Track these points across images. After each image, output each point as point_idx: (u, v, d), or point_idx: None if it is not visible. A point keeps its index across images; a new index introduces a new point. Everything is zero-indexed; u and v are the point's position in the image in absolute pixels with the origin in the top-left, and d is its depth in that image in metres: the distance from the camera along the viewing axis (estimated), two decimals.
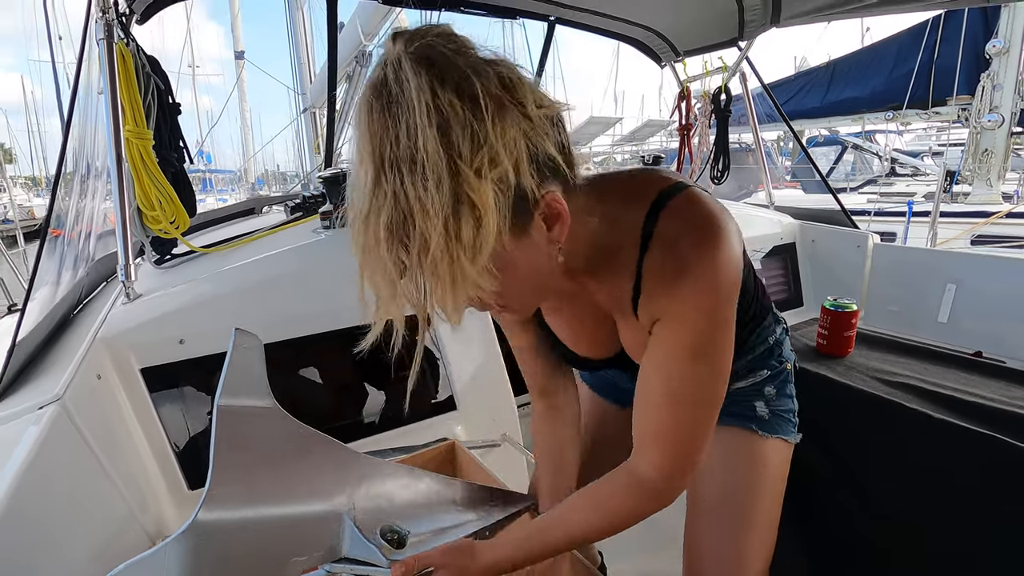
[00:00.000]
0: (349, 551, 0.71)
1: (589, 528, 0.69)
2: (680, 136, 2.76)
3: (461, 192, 0.45)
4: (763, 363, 0.87)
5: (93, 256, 1.56)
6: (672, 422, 0.64)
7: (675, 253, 0.60)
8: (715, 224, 0.60)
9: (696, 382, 0.63)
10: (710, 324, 0.61)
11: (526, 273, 0.56)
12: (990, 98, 5.66)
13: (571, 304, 0.76)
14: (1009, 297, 1.80)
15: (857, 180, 8.50)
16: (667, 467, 0.65)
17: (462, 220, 0.45)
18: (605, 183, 0.66)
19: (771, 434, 0.85)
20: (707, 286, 0.59)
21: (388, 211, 0.46)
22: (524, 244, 0.53)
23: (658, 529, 1.47)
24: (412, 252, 0.47)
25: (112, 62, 1.18)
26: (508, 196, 0.48)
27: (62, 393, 0.87)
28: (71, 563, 0.74)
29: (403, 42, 0.48)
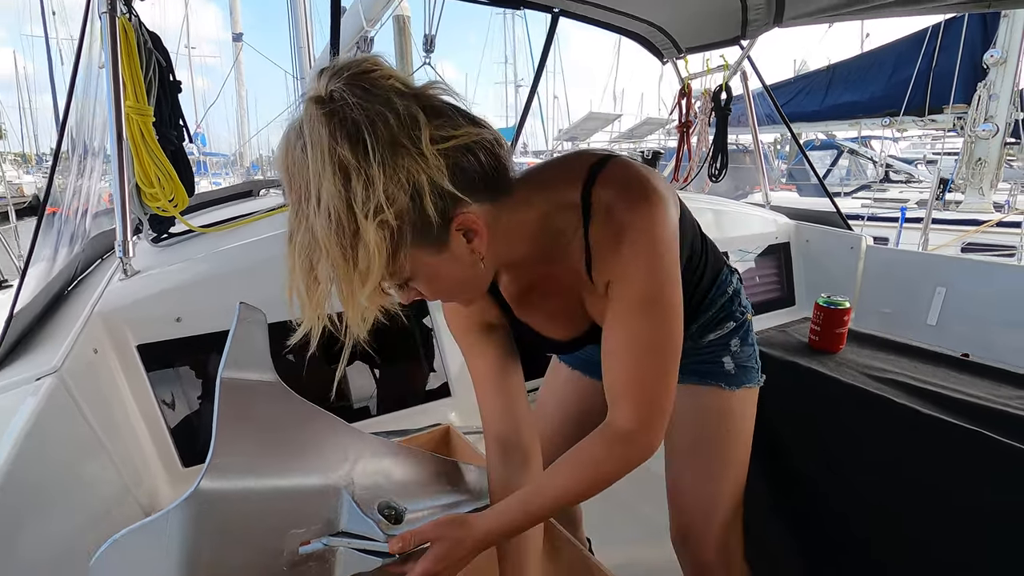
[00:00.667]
0: (347, 525, 0.72)
1: (577, 488, 0.71)
2: (679, 133, 2.77)
3: (356, 230, 0.54)
4: (729, 314, 0.94)
5: (89, 234, 1.55)
6: (637, 371, 0.69)
7: (612, 217, 0.66)
8: (643, 186, 0.67)
9: (653, 332, 0.68)
10: (656, 278, 0.67)
11: (451, 279, 0.65)
12: (986, 108, 5.72)
13: (538, 293, 0.80)
14: (997, 302, 1.83)
15: (851, 185, 8.57)
16: (640, 416, 0.69)
17: (357, 252, 0.54)
18: (539, 173, 0.73)
19: (738, 386, 0.94)
20: (645, 242, 0.66)
21: (303, 238, 0.56)
22: (444, 258, 0.61)
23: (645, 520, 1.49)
24: (320, 274, 0.57)
25: (114, 36, 1.17)
26: (407, 227, 0.56)
27: (60, 365, 0.86)
28: (65, 533, 0.74)
29: (324, 81, 0.55)
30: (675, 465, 0.99)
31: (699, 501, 0.96)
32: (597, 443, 0.71)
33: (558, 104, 23.29)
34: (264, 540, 0.67)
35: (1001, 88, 5.66)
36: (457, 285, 0.67)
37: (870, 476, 1.04)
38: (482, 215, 0.61)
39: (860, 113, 7.04)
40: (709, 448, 0.95)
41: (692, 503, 0.97)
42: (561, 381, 1.13)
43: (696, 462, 0.96)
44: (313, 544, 0.69)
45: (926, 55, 6.15)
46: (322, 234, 0.54)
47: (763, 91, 2.58)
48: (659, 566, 1.00)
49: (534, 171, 0.74)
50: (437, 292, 0.66)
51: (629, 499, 1.61)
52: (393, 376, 1.50)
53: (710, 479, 0.95)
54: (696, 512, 0.96)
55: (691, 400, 0.94)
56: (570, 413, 1.10)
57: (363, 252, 0.54)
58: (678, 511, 0.99)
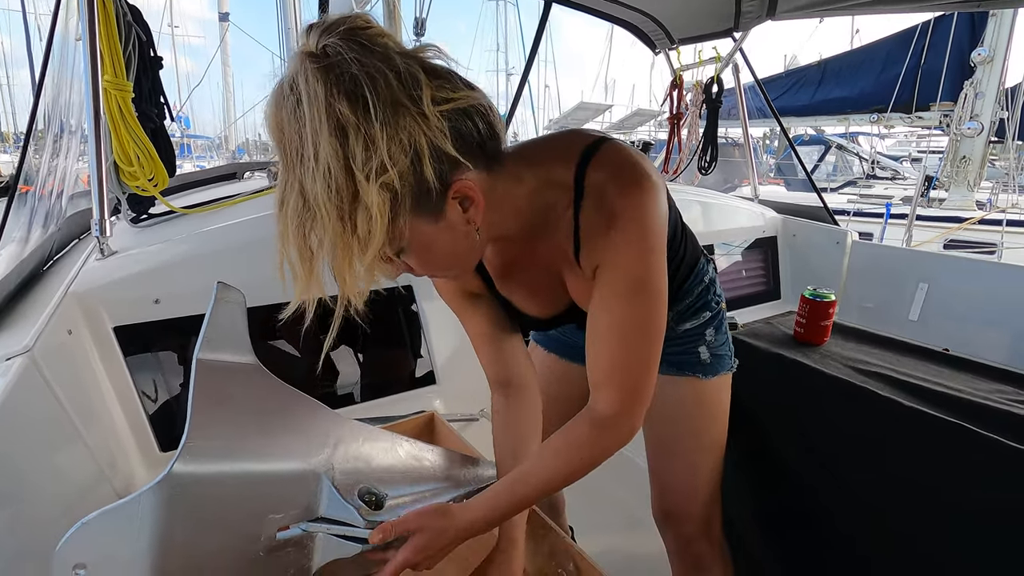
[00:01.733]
0: (326, 511, 0.70)
1: (558, 474, 0.71)
2: (670, 125, 2.76)
3: (355, 193, 0.50)
4: (705, 303, 0.95)
5: (65, 214, 1.51)
6: (621, 355, 0.69)
7: (604, 202, 0.66)
8: (637, 171, 0.66)
9: (637, 315, 0.68)
10: (644, 262, 0.67)
11: (445, 251, 0.62)
12: (971, 106, 5.79)
13: (520, 268, 0.80)
14: (978, 299, 1.86)
15: (838, 180, 8.65)
16: (621, 400, 0.69)
17: (356, 217, 0.51)
18: (530, 149, 0.72)
19: (713, 375, 0.96)
20: (636, 228, 0.65)
21: (295, 203, 0.52)
22: (440, 227, 0.59)
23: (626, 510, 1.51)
24: (314, 242, 0.53)
25: (92, 6, 1.13)
26: (407, 192, 0.53)
27: (31, 345, 0.84)
28: (36, 519, 0.72)
29: (315, 36, 0.51)
30: (655, 453, 1.01)
31: (680, 485, 0.99)
32: (579, 429, 0.71)
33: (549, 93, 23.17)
34: (241, 525, 0.65)
35: (987, 87, 5.72)
36: (450, 257, 0.64)
37: (853, 467, 1.05)
38: (479, 183, 0.59)
39: (849, 109, 7.10)
40: (688, 437, 0.97)
41: (674, 486, 1.00)
42: (542, 365, 1.13)
43: (676, 450, 0.98)
44: (291, 529, 0.67)
45: (915, 52, 6.21)
46: (318, 198, 0.50)
47: (754, 85, 2.58)
48: (640, 553, 1.01)
49: (526, 146, 0.72)
50: (428, 265, 0.63)
51: (610, 487, 1.62)
52: (378, 362, 1.48)
53: (690, 465, 0.98)
54: (678, 494, 0.99)
55: (669, 390, 0.95)
56: (550, 396, 1.09)
57: (363, 216, 0.51)
58: (660, 490, 1.01)
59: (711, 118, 2.58)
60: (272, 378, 0.69)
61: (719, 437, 1.00)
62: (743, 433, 1.20)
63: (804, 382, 1.13)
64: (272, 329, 1.34)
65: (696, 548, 0.99)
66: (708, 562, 1.01)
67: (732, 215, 2.32)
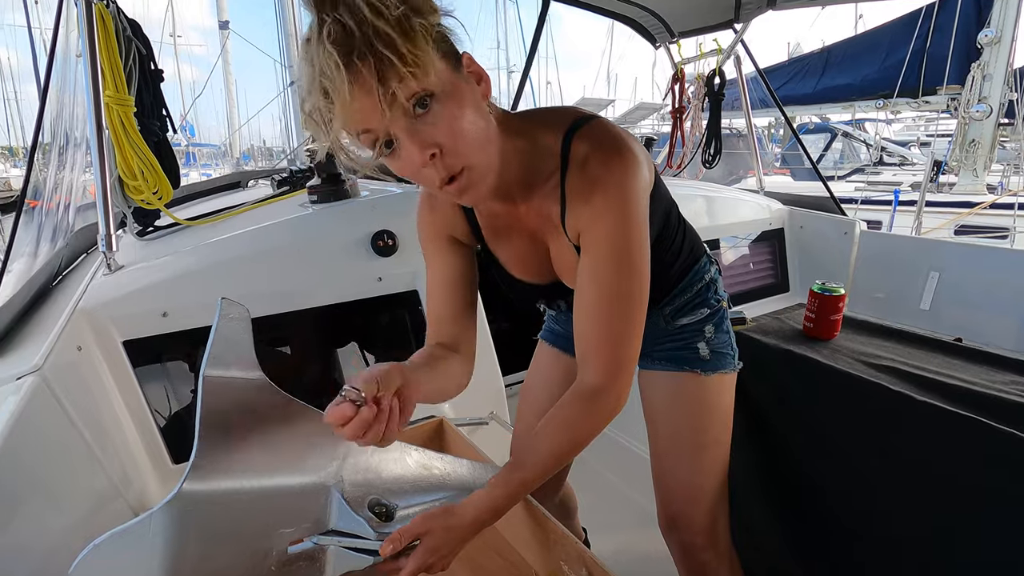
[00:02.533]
0: (337, 523, 0.71)
1: (555, 453, 0.72)
2: (672, 119, 2.74)
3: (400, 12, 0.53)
4: (704, 300, 0.96)
5: (72, 228, 1.52)
6: (608, 324, 0.71)
7: (587, 170, 0.69)
8: (619, 143, 0.69)
9: (622, 283, 0.70)
10: (625, 228, 0.69)
11: (470, 115, 0.61)
12: (979, 88, 5.70)
13: (510, 231, 0.83)
14: (990, 286, 1.83)
15: (845, 168, 8.56)
16: (610, 368, 0.71)
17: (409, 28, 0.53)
18: (525, 114, 0.76)
19: (713, 372, 0.96)
20: (616, 194, 0.68)
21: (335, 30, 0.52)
22: (460, 80, 0.60)
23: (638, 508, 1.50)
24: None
25: (91, 23, 1.14)
26: (433, 27, 0.56)
27: (41, 364, 0.85)
28: (52, 536, 0.73)
29: None
30: (658, 452, 1.00)
31: (683, 487, 0.97)
32: (569, 405, 0.73)
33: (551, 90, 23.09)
34: (252, 540, 0.65)
35: (995, 68, 5.63)
36: (476, 129, 0.61)
37: (866, 463, 1.04)
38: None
39: (854, 95, 7.02)
40: (688, 434, 0.96)
41: (677, 489, 0.98)
42: (546, 362, 1.15)
43: (678, 448, 0.97)
44: (303, 543, 0.68)
45: (920, 36, 6.12)
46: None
47: (757, 75, 2.55)
48: (654, 552, 1.01)
49: (521, 112, 0.77)
50: (457, 127, 0.59)
51: (622, 487, 1.62)
52: None
53: (693, 464, 0.96)
54: (681, 497, 0.97)
55: (669, 387, 0.96)
56: (555, 393, 1.10)
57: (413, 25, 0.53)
58: (664, 498, 1.00)
59: (714, 111, 2.56)
60: (279, 392, 0.69)
61: (721, 438, 0.98)
62: (754, 432, 1.20)
63: (815, 378, 1.11)
64: (279, 336, 1.35)
65: (702, 557, 0.98)
66: (714, 571, 0.99)
67: (737, 208, 2.30)
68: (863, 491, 1.05)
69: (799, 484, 1.17)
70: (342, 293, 1.33)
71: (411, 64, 0.53)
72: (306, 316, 1.30)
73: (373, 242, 1.37)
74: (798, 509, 1.18)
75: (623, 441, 1.77)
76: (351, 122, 0.57)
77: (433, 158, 0.59)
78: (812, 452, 1.13)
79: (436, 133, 0.58)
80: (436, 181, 0.61)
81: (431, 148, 0.58)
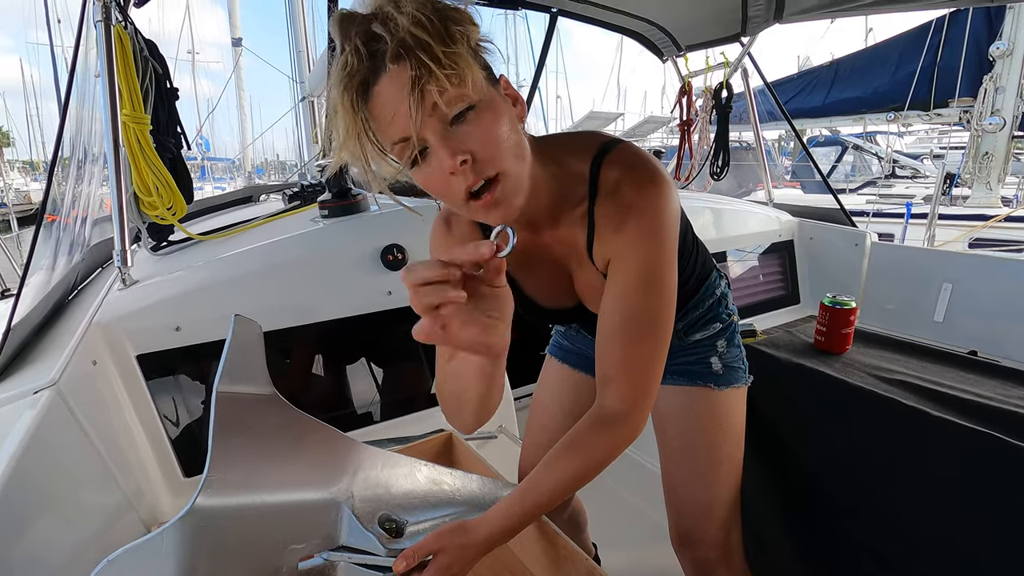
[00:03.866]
0: (347, 539, 0.71)
1: (570, 477, 0.71)
2: (680, 132, 2.75)
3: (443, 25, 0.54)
4: (716, 315, 0.97)
5: (89, 242, 1.55)
6: (632, 351, 0.70)
7: (619, 196, 0.68)
8: (651, 169, 0.68)
9: (650, 311, 0.69)
10: (657, 256, 0.68)
11: (506, 128, 0.59)
12: (992, 100, 5.66)
13: (532, 258, 0.81)
14: (1004, 297, 1.81)
15: (857, 181, 8.51)
16: (630, 394, 0.70)
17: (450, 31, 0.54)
18: (551, 140, 0.74)
19: (726, 386, 0.95)
20: (650, 222, 0.67)
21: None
22: (497, 95, 0.60)
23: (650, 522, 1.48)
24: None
25: (110, 44, 1.17)
26: (472, 44, 0.57)
27: (57, 378, 0.86)
28: (66, 550, 0.73)
29: None
30: (670, 467, 0.99)
31: (696, 503, 0.96)
32: (589, 428, 0.72)
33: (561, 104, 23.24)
34: (263, 556, 0.66)
35: (1008, 80, 5.60)
36: (512, 142, 0.59)
37: (878, 479, 1.03)
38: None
39: (864, 108, 6.99)
40: (702, 448, 0.96)
41: (689, 505, 0.97)
42: (556, 378, 1.14)
43: (690, 463, 0.96)
44: (313, 560, 0.68)
45: (931, 49, 6.10)
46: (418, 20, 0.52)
47: (765, 88, 2.56)
48: (666, 567, 0.99)
49: (546, 138, 0.75)
50: (492, 139, 0.57)
51: (633, 501, 1.60)
52: (395, 381, 1.49)
53: (705, 480, 0.95)
54: (694, 514, 0.96)
55: (682, 401, 0.96)
56: (565, 408, 1.11)
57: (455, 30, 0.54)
58: (676, 514, 0.99)
59: (721, 124, 2.56)
60: (290, 408, 0.69)
61: (734, 452, 0.97)
62: (764, 446, 1.18)
63: (826, 392, 1.10)
64: (290, 351, 1.35)
65: (715, 574, 0.97)
66: None
67: (746, 220, 2.29)
68: (875, 506, 1.04)
69: (810, 498, 1.15)
70: (352, 307, 1.34)
71: (449, 69, 0.53)
72: (317, 330, 1.31)
73: (383, 256, 1.38)
74: (809, 523, 1.17)
75: (634, 455, 1.76)
76: (385, 130, 0.56)
77: (464, 165, 0.56)
78: (823, 467, 1.12)
79: (470, 140, 0.56)
80: (463, 191, 0.57)
81: (463, 154, 0.55)
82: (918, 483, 0.97)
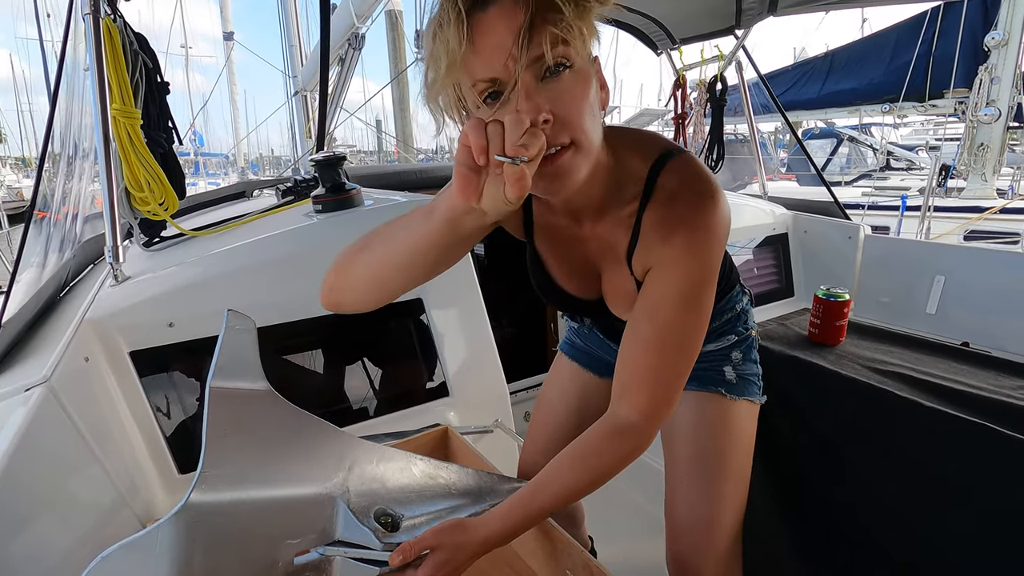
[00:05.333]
0: (343, 534, 0.71)
1: (576, 485, 0.70)
2: (675, 125, 2.74)
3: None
4: (732, 328, 0.95)
5: (80, 238, 1.53)
6: (657, 364, 0.68)
7: (674, 207, 0.66)
8: (710, 185, 0.66)
9: (683, 327, 0.68)
10: (701, 274, 0.66)
11: (591, 102, 0.58)
12: (987, 91, 5.67)
13: (566, 247, 0.79)
14: (996, 289, 1.82)
15: (852, 173, 8.52)
16: (648, 408, 0.69)
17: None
18: (616, 131, 0.70)
19: (739, 396, 0.93)
20: (701, 239, 0.65)
21: None
22: (592, 71, 0.58)
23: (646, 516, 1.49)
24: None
25: (98, 38, 1.15)
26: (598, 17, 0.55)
27: (49, 375, 0.85)
28: (60, 548, 0.73)
29: None
30: (674, 477, 0.94)
31: (696, 525, 0.90)
32: (599, 436, 0.70)
33: None
34: (258, 551, 0.66)
35: (1003, 71, 5.60)
36: (592, 118, 0.58)
37: (872, 470, 1.03)
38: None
39: (859, 100, 7.00)
40: (710, 456, 0.91)
41: (689, 526, 0.91)
42: (565, 376, 1.13)
43: (696, 472, 0.91)
44: (309, 554, 0.68)
45: (925, 39, 6.11)
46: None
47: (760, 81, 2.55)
48: (662, 561, 1.00)
49: (612, 128, 0.70)
50: (576, 108, 0.55)
51: (630, 495, 1.61)
52: (391, 376, 1.49)
53: (710, 493, 0.90)
54: (693, 538, 0.90)
55: (692, 405, 0.93)
56: (571, 407, 1.11)
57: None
58: (674, 534, 0.93)
59: (716, 117, 2.56)
60: (285, 403, 0.69)
61: (741, 468, 0.92)
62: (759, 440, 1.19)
63: (820, 384, 1.11)
64: (284, 346, 1.35)
65: None
66: None
67: (740, 213, 2.30)
68: (869, 496, 1.04)
69: (805, 489, 1.16)
70: None
71: (568, 25, 0.51)
72: (311, 326, 1.30)
73: None
74: (804, 513, 1.18)
75: None
76: (480, 64, 0.53)
77: (546, 124, 0.52)
78: (817, 458, 1.12)
79: (556, 101, 0.54)
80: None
81: (545, 113, 0.52)
82: (911, 473, 0.97)
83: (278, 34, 4.44)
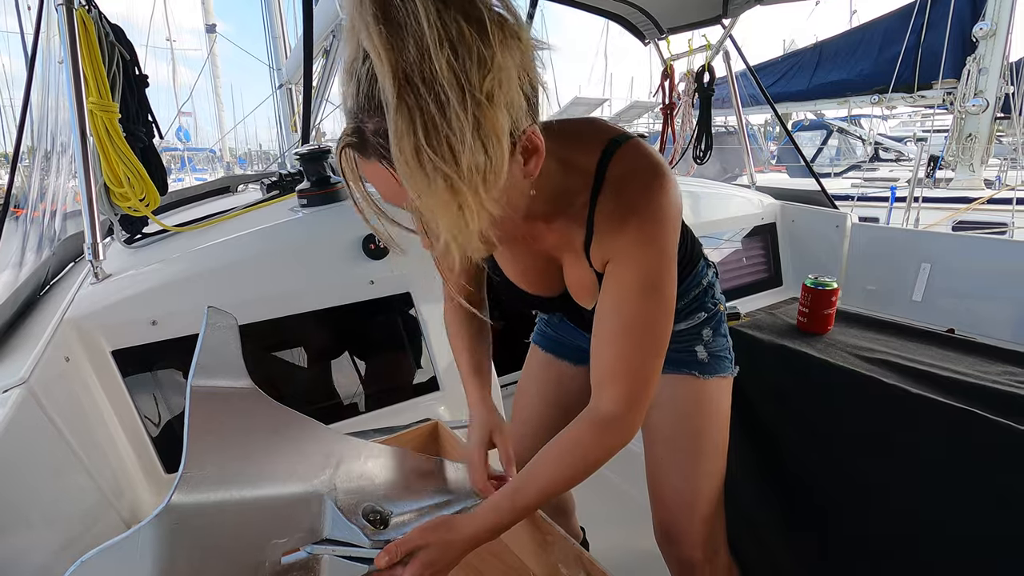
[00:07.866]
0: (331, 532, 0.70)
1: (561, 478, 0.71)
2: (663, 116, 2.73)
3: (476, 119, 0.45)
4: (700, 305, 0.95)
5: (59, 236, 1.51)
6: (629, 354, 0.68)
7: (624, 196, 0.66)
8: (659, 169, 0.66)
9: (649, 315, 0.68)
10: (658, 261, 0.66)
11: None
12: (975, 82, 5.71)
13: (519, 244, 0.78)
14: (981, 276, 1.84)
15: (841, 165, 8.56)
16: (626, 398, 0.68)
17: (483, 143, 0.45)
18: (557, 128, 0.66)
19: (711, 375, 0.94)
20: (653, 225, 0.65)
21: (421, 126, 0.44)
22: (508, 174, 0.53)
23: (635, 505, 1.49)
24: (449, 163, 0.45)
25: (72, 29, 1.12)
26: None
27: (28, 376, 0.83)
28: (43, 552, 0.72)
29: None
30: (653, 458, 0.98)
31: (680, 496, 0.95)
32: (582, 429, 0.71)
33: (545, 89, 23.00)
34: (244, 552, 0.65)
35: (991, 61, 5.63)
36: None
37: (860, 457, 1.04)
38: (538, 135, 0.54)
39: (848, 91, 7.02)
40: (687, 437, 0.94)
41: (673, 499, 0.95)
42: (539, 367, 1.13)
43: (675, 453, 0.95)
44: (297, 553, 0.67)
45: (914, 30, 6.13)
46: (444, 117, 0.44)
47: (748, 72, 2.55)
48: (653, 550, 1.00)
49: (553, 126, 0.66)
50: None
51: (621, 485, 1.61)
52: (379, 371, 1.48)
53: (689, 471, 0.94)
54: (678, 508, 0.95)
55: (666, 389, 0.94)
56: (548, 399, 1.11)
57: (488, 145, 0.46)
58: (659, 508, 0.98)
59: (704, 107, 2.56)
60: (269, 400, 0.68)
61: (718, 444, 0.96)
62: (748, 428, 1.19)
63: (809, 373, 1.11)
64: (271, 343, 1.33)
65: (700, 573, 0.96)
66: None
67: (729, 204, 2.30)
68: (856, 484, 1.05)
69: (793, 478, 1.17)
70: (334, 297, 1.32)
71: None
72: (298, 321, 1.29)
73: (364, 245, 1.36)
74: (793, 502, 1.18)
75: None
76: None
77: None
78: (806, 446, 1.13)
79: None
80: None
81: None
82: (898, 459, 0.98)
83: (272, 28, 4.37)
